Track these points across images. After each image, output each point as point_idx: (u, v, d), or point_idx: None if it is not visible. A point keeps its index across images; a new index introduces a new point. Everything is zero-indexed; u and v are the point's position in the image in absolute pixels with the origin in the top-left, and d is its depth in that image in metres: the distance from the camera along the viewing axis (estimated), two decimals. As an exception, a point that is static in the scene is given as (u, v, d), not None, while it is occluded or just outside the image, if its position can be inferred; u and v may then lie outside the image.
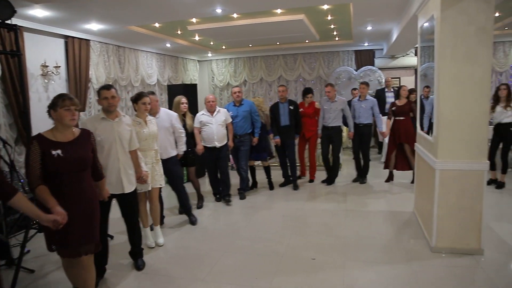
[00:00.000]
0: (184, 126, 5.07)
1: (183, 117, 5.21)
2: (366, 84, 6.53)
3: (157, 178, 4.14)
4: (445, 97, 3.53)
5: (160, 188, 4.31)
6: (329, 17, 6.94)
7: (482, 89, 3.45)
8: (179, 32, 7.60)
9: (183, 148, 4.80)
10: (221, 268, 3.63)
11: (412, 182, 5.90)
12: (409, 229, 4.41)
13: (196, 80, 11.54)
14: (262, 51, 10.75)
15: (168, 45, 8.74)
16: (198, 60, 11.90)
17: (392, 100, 8.74)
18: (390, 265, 3.52)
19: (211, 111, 5.45)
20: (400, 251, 3.82)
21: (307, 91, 6.68)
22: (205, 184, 6.43)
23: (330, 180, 6.52)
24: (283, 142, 6.18)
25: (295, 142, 6.46)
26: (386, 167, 6.50)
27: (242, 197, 5.88)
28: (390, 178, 6.49)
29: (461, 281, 3.21)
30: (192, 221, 4.85)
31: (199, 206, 5.51)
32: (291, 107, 6.21)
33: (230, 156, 6.46)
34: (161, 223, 4.61)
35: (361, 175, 6.59)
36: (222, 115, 5.51)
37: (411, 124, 5.96)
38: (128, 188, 3.47)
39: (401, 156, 6.26)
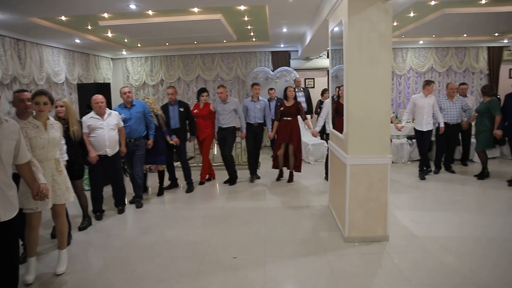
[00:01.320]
0: (67, 132, 4.19)
1: (62, 121, 4.23)
2: (257, 84, 6.79)
3: (60, 193, 3.48)
4: (353, 97, 3.80)
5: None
6: (246, 18, 7.05)
7: (384, 89, 3.78)
8: (89, 27, 7.12)
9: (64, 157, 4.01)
10: (140, 274, 3.48)
11: (277, 179, 6.66)
12: (324, 222, 4.66)
13: (109, 79, 10.92)
14: (180, 50, 10.55)
15: (77, 40, 8.14)
16: (112, 58, 11.26)
17: (303, 99, 9.22)
18: (307, 258, 3.69)
19: (100, 113, 4.83)
20: (316, 243, 4.02)
21: (202, 91, 6.58)
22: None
23: (231, 180, 6.59)
24: (174, 145, 6.02)
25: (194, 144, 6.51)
26: (275, 166, 6.67)
27: (139, 205, 5.43)
28: (280, 176, 6.75)
29: (371, 266, 3.48)
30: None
31: (82, 227, 4.60)
32: (181, 109, 6.12)
33: None
34: (68, 243, 4.02)
35: (254, 172, 6.80)
36: (114, 118, 4.94)
37: (298, 125, 6.40)
38: (5, 215, 2.58)
39: (287, 155, 6.54)
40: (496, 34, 9.80)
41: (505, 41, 10.41)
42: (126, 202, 5.42)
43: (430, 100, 6.52)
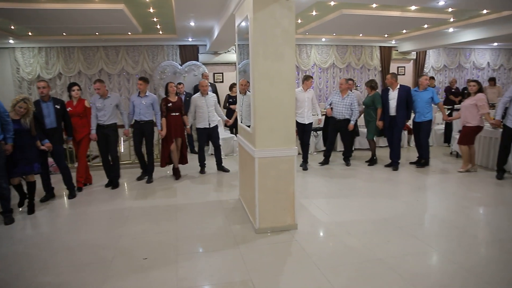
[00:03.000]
0: None
1: None
2: (145, 79, 6.23)
3: None
4: (259, 91, 3.88)
5: None
6: (151, 10, 6.79)
7: (288, 84, 3.93)
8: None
9: None
10: None
11: (177, 179, 6.48)
12: (236, 215, 4.72)
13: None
14: (80, 41, 9.77)
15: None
16: (-5, 46, 10.00)
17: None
18: (220, 252, 3.70)
19: None
20: (228, 237, 4.05)
21: (72, 85, 5.95)
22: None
23: (113, 183, 6.05)
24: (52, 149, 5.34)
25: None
26: (164, 164, 6.50)
27: (9, 221, 4.61)
28: (178, 174, 6.59)
29: (281, 254, 3.61)
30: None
31: None
32: (57, 106, 5.46)
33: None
34: None
35: (146, 173, 6.50)
36: None
37: (181, 120, 6.45)
38: None
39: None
40: (386, 35, 10.85)
41: (393, 41, 11.58)
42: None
43: (309, 94, 6.88)
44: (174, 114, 6.29)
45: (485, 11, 7.58)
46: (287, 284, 3.10)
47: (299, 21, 8.29)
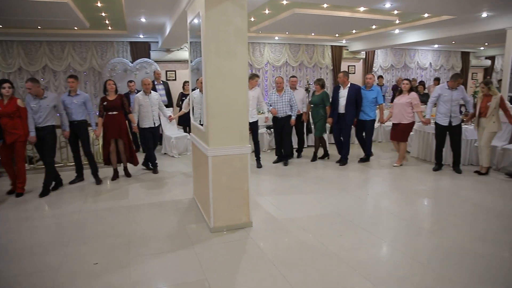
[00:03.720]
0: None
1: None
2: (75, 77, 5.89)
3: None
4: (212, 89, 3.84)
5: None
6: (99, 4, 6.50)
7: (241, 82, 3.92)
8: None
9: None
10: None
11: (113, 179, 6.26)
12: (190, 215, 4.65)
13: None
14: (19, 35, 9.14)
15: None
16: None
17: (163, 93, 9.06)
18: (174, 253, 3.63)
19: None
20: (183, 237, 3.98)
21: (2, 82, 5.49)
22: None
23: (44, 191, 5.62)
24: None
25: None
26: (106, 163, 6.37)
27: None
28: (115, 176, 6.34)
29: (236, 253, 3.61)
30: None
31: None
32: None
33: None
34: None
35: (80, 176, 6.24)
36: None
37: (124, 119, 6.19)
38: None
39: (117, 151, 6.31)
40: (337, 35, 11.17)
41: (344, 41, 11.94)
42: None
43: (255, 92, 6.92)
44: (112, 113, 6.01)
45: (426, 15, 8.01)
46: (243, 282, 3.10)
47: (252, 19, 8.32)
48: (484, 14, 7.47)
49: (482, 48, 14.34)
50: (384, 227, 4.26)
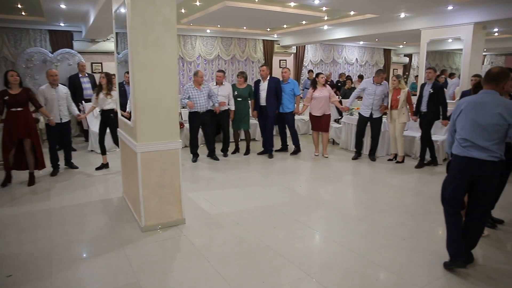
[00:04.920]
0: None
1: None
2: None
3: None
4: (140, 82, 3.66)
5: None
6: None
7: (171, 75, 3.78)
8: None
9: None
10: None
11: (30, 184, 5.50)
12: (120, 214, 4.42)
13: None
14: None
15: None
16: None
17: (88, 86, 8.54)
18: (103, 256, 3.42)
19: None
20: (112, 239, 3.77)
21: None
22: None
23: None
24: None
25: None
26: (6, 168, 5.51)
27: None
28: (7, 180, 5.50)
29: (169, 251, 3.50)
30: None
31: None
32: None
33: None
34: None
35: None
36: None
37: (31, 116, 5.56)
38: None
39: (21, 152, 5.54)
40: (268, 29, 11.30)
41: (275, 36, 12.12)
42: None
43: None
44: (16, 109, 5.28)
45: (352, 13, 8.39)
46: (176, 281, 3.01)
47: (183, 11, 8.09)
48: (402, 15, 8.01)
49: (401, 46, 15.45)
50: (316, 217, 4.40)
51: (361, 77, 12.39)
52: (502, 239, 3.82)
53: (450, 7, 7.08)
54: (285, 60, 13.50)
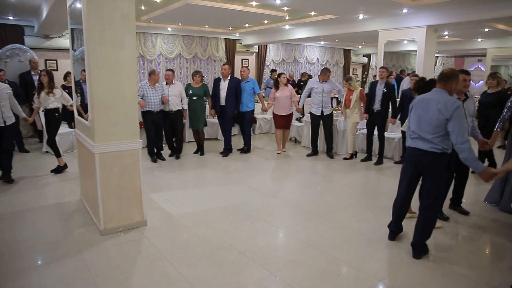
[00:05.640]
0: None
1: None
2: None
3: None
4: (97, 81, 3.53)
5: None
6: None
7: (130, 73, 3.67)
8: None
9: None
10: None
11: None
12: (77, 218, 4.25)
13: None
14: None
15: None
16: None
17: None
18: (59, 262, 3.26)
19: None
20: (69, 244, 3.61)
21: None
22: None
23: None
24: None
25: None
26: None
27: None
28: None
29: (130, 255, 3.40)
30: None
31: None
32: None
33: None
34: None
35: None
36: None
37: None
38: None
39: None
40: (230, 28, 11.27)
41: (237, 35, 12.12)
42: None
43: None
44: None
45: (313, 13, 8.53)
46: (138, 285, 2.94)
47: (142, 7, 7.90)
48: (361, 16, 8.25)
49: (360, 46, 15.92)
50: (279, 215, 4.44)
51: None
52: (454, 231, 4.03)
53: (405, 10, 7.38)
54: (247, 59, 13.52)
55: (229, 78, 7.14)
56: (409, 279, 3.06)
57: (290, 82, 11.82)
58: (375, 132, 6.79)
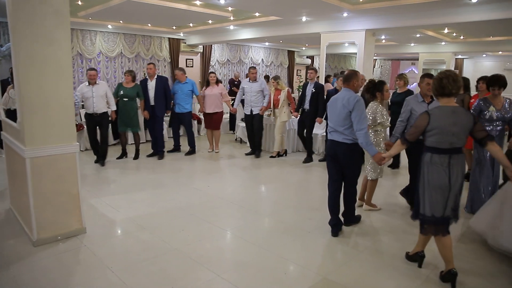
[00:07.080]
0: None
1: None
2: None
3: None
4: (27, 80, 3.27)
5: None
6: None
7: (64, 71, 3.44)
8: None
9: None
10: None
11: None
12: (6, 229, 3.90)
13: None
14: None
15: None
16: None
17: None
18: (-17, 278, 2.99)
19: None
20: (-3, 257, 3.32)
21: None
22: None
23: None
24: None
25: None
26: None
27: None
28: None
29: (68, 265, 3.19)
30: None
31: None
32: None
33: None
34: None
35: None
36: None
37: None
38: None
39: None
40: (174, 27, 11.03)
41: (181, 34, 11.90)
42: None
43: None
44: None
45: (257, 14, 8.60)
46: (75, 297, 2.76)
47: (79, 2, 7.47)
48: (304, 19, 8.44)
49: (303, 48, 16.33)
50: (225, 216, 4.40)
51: (266, 78, 12.76)
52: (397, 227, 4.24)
53: (345, 14, 7.66)
54: (192, 59, 13.33)
55: (155, 77, 6.94)
56: (352, 273, 3.16)
57: (236, 82, 11.86)
58: (321, 131, 7.00)
